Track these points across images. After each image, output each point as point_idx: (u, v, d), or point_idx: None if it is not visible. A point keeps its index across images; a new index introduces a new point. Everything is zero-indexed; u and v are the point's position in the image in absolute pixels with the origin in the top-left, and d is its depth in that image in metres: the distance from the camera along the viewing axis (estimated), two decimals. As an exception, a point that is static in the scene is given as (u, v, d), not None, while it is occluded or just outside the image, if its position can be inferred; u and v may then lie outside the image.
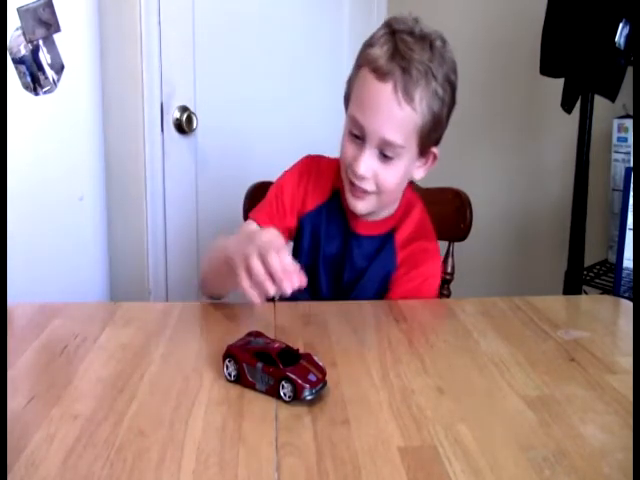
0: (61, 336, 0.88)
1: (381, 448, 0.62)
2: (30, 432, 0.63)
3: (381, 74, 0.96)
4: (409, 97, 0.96)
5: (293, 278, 0.80)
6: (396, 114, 0.97)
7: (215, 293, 1.08)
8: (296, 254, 1.13)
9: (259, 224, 1.10)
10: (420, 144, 1.01)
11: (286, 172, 1.16)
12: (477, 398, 0.73)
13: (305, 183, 1.13)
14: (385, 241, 1.12)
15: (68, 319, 0.96)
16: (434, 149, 1.05)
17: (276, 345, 0.74)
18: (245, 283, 0.83)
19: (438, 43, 0.99)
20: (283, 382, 0.70)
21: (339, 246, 1.13)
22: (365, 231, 1.12)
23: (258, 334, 0.79)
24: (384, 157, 1.00)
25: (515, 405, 0.71)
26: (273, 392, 0.71)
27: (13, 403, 0.69)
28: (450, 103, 1.02)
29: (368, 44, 1.01)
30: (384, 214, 1.12)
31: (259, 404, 0.70)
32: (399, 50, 0.96)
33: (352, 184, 1.04)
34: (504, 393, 0.74)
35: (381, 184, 1.02)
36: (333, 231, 1.13)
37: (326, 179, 1.14)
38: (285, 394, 0.70)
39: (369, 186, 1.02)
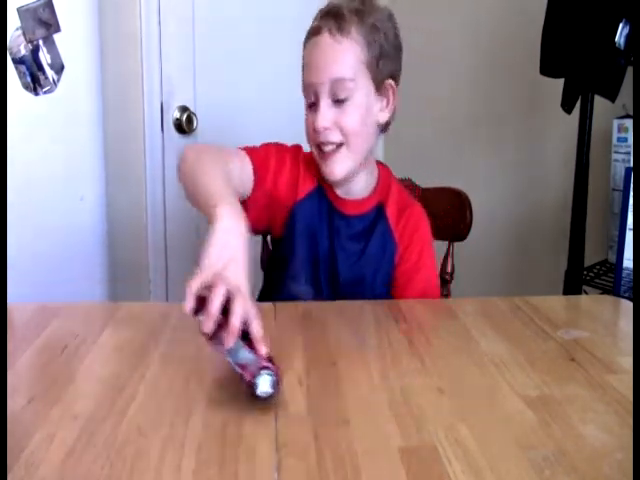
0: (61, 336, 0.88)
1: (381, 448, 0.62)
2: (30, 432, 0.63)
3: (316, 31, 1.02)
4: (345, 32, 1.00)
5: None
6: (336, 50, 1.00)
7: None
8: (290, 244, 1.10)
9: (253, 162, 1.06)
10: (373, 78, 1.03)
11: (280, 145, 1.13)
12: (477, 398, 0.73)
13: (297, 169, 1.11)
14: (377, 218, 1.11)
15: (68, 319, 0.96)
16: (390, 81, 1.05)
17: None
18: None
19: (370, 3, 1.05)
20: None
21: (328, 234, 1.11)
22: (353, 210, 1.11)
23: None
24: (338, 102, 1.01)
25: (515, 405, 0.71)
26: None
27: (13, 403, 0.69)
28: (394, 39, 1.04)
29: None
30: (365, 189, 1.11)
31: (259, 404, 0.70)
32: (329, 7, 1.03)
33: (320, 149, 1.04)
34: (504, 393, 0.74)
35: (344, 128, 1.02)
36: (323, 221, 1.11)
37: (313, 169, 1.11)
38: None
39: (334, 137, 1.02)
